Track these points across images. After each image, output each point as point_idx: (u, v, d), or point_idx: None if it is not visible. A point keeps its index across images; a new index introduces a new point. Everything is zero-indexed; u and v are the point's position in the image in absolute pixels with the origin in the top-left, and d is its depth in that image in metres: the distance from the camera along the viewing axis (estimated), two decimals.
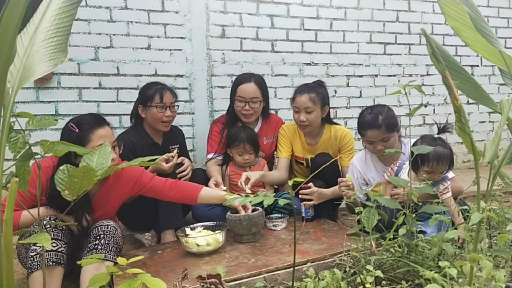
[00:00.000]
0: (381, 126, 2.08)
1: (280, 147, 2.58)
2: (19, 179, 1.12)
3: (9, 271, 1.00)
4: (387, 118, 2.10)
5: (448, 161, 1.94)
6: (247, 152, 2.44)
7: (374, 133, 2.10)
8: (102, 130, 1.78)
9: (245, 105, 2.49)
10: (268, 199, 1.27)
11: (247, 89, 2.49)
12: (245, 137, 2.43)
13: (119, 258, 1.13)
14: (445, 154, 1.93)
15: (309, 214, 2.27)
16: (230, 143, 2.47)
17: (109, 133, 1.82)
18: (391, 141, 2.12)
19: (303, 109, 2.39)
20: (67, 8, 1.19)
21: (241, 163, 2.47)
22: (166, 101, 2.38)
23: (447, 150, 1.95)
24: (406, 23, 3.92)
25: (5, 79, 0.98)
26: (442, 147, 1.93)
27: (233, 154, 2.48)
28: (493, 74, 4.26)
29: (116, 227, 1.78)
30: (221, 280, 1.40)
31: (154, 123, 2.41)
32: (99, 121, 1.82)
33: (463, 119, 1.21)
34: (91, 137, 1.74)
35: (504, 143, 3.12)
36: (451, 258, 1.55)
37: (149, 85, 2.46)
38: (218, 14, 3.28)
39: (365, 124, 2.13)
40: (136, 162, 1.22)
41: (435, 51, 1.21)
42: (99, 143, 1.68)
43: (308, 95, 2.38)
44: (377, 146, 2.13)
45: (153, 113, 2.37)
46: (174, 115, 2.45)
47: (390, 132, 2.10)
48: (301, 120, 2.39)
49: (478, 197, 1.29)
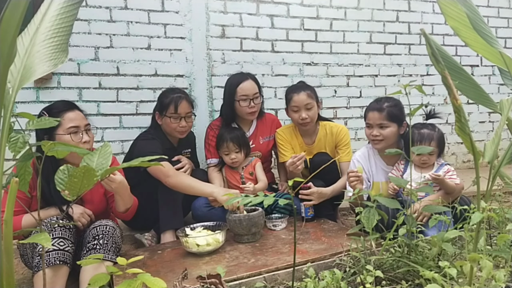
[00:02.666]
0: (383, 110, 2.12)
1: (283, 152, 2.57)
2: (19, 179, 1.12)
3: (9, 271, 1.00)
4: (391, 107, 2.13)
5: (432, 141, 2.01)
6: (232, 151, 2.43)
7: (374, 115, 2.13)
8: (72, 113, 1.83)
9: (249, 102, 2.49)
10: (268, 199, 1.27)
11: (248, 87, 2.50)
12: (229, 137, 2.42)
13: (119, 258, 1.13)
14: (429, 135, 1.99)
15: (309, 214, 2.27)
16: (217, 145, 2.49)
17: (79, 116, 1.86)
18: (388, 130, 2.13)
19: (303, 107, 2.40)
20: (68, 9, 1.19)
21: (229, 163, 2.46)
22: (181, 111, 2.33)
23: (432, 132, 2.01)
24: (406, 23, 3.92)
25: (5, 79, 0.98)
26: (428, 130, 2.00)
27: (222, 156, 2.49)
28: (493, 74, 4.26)
29: (115, 227, 1.78)
30: (221, 280, 1.40)
31: (169, 132, 2.41)
32: (69, 106, 1.87)
33: (463, 119, 1.21)
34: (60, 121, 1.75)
35: (504, 143, 3.12)
36: (451, 258, 1.56)
37: (167, 93, 2.43)
38: (218, 14, 3.28)
39: (370, 106, 2.19)
40: (136, 162, 1.22)
41: (434, 51, 1.21)
42: (70, 125, 1.79)
43: (305, 92, 2.42)
44: (373, 131, 2.14)
45: (168, 123, 2.35)
46: (189, 125, 2.42)
47: (390, 121, 2.12)
48: (303, 117, 2.40)
49: (478, 197, 1.29)
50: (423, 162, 2.07)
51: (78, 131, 1.82)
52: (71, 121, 1.80)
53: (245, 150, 2.49)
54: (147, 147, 2.21)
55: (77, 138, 1.81)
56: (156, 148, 2.19)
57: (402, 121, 2.17)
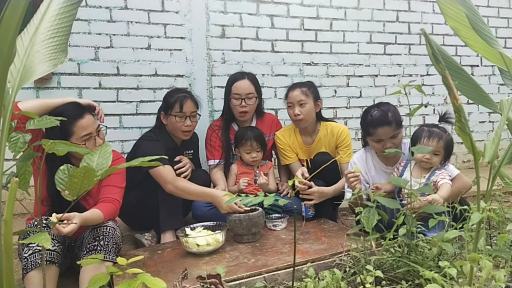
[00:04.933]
0: (392, 122, 2.08)
1: (285, 154, 2.57)
2: (19, 179, 1.12)
3: (9, 271, 1.00)
4: (395, 115, 2.11)
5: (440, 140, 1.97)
6: (255, 150, 2.49)
7: (385, 130, 2.08)
8: (83, 120, 1.82)
9: (241, 102, 2.52)
10: (268, 199, 1.27)
11: (242, 86, 2.53)
12: (252, 135, 2.49)
13: (119, 258, 1.13)
14: (438, 133, 1.96)
15: (310, 214, 2.27)
16: (238, 142, 2.51)
17: (91, 121, 1.86)
18: (399, 138, 2.13)
19: (296, 103, 2.43)
20: (68, 8, 1.19)
21: (249, 161, 2.50)
22: (186, 110, 2.35)
23: (442, 132, 1.98)
24: (406, 23, 3.92)
25: (5, 79, 0.98)
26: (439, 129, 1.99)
27: (241, 153, 2.52)
28: (493, 74, 4.26)
29: (115, 228, 1.78)
30: (221, 280, 1.40)
31: (174, 131, 2.41)
32: (80, 112, 1.84)
33: (463, 119, 1.21)
34: (73, 130, 1.79)
35: (504, 143, 3.12)
36: (451, 258, 1.56)
37: (172, 93, 2.44)
38: (218, 14, 3.28)
39: (376, 122, 2.09)
40: (136, 162, 1.22)
41: (434, 51, 1.21)
42: (83, 134, 1.80)
43: (300, 89, 2.45)
44: (387, 144, 2.09)
45: (173, 122, 2.36)
46: (194, 125, 2.43)
47: (399, 128, 2.12)
48: (296, 113, 2.42)
49: (478, 197, 1.29)
50: (426, 161, 2.02)
51: (91, 137, 1.84)
52: (84, 129, 1.81)
53: (264, 149, 2.55)
54: (151, 148, 2.21)
55: (90, 144, 1.82)
56: (160, 150, 2.17)
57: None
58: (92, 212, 1.70)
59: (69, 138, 1.77)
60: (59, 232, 1.49)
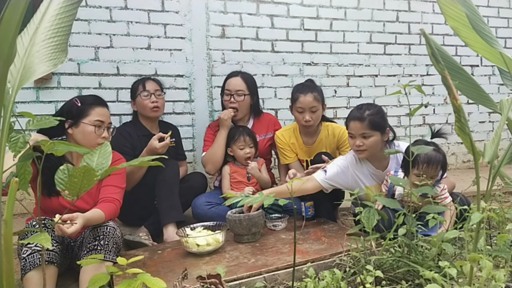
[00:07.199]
0: (365, 119, 2.01)
1: (285, 154, 2.57)
2: (19, 179, 1.12)
3: (9, 271, 1.00)
4: (373, 115, 2.03)
5: (439, 165, 1.91)
6: (248, 146, 2.50)
7: (355, 125, 2.04)
8: (102, 109, 1.96)
9: (230, 98, 2.57)
10: (268, 199, 1.27)
11: (233, 82, 2.60)
12: (245, 132, 2.53)
13: (119, 258, 1.13)
14: (436, 157, 1.89)
15: (310, 214, 2.27)
16: (230, 140, 2.52)
17: (107, 113, 1.99)
18: (371, 140, 2.03)
19: (308, 109, 2.39)
20: (68, 8, 1.19)
21: (243, 158, 2.50)
22: (150, 88, 2.51)
23: (439, 155, 1.91)
24: (406, 23, 3.92)
25: (5, 79, 0.98)
26: (435, 152, 1.90)
27: (234, 151, 2.51)
28: (493, 74, 4.26)
29: (115, 227, 1.78)
30: (221, 280, 1.40)
31: (144, 111, 2.52)
32: (101, 101, 2.01)
33: (463, 119, 1.21)
34: (90, 111, 1.91)
35: (504, 143, 3.12)
36: (451, 258, 1.55)
37: (135, 82, 2.61)
38: (218, 14, 3.28)
39: (351, 115, 2.10)
40: (136, 162, 1.22)
41: (434, 51, 1.21)
42: (96, 118, 1.91)
43: (312, 95, 2.40)
44: (356, 141, 2.05)
45: (140, 102, 2.50)
46: (161, 102, 2.56)
47: (373, 130, 2.02)
48: (306, 120, 2.40)
49: (478, 197, 1.29)
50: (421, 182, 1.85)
51: (102, 126, 1.93)
52: (99, 115, 1.93)
53: (257, 146, 2.58)
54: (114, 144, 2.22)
55: (99, 132, 1.92)
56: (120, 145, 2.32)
57: (385, 128, 2.08)
58: (93, 212, 1.71)
59: (82, 118, 1.89)
60: (63, 233, 1.50)
